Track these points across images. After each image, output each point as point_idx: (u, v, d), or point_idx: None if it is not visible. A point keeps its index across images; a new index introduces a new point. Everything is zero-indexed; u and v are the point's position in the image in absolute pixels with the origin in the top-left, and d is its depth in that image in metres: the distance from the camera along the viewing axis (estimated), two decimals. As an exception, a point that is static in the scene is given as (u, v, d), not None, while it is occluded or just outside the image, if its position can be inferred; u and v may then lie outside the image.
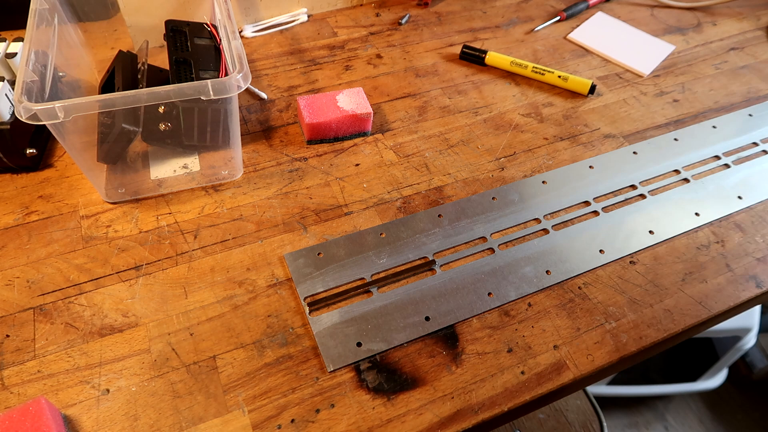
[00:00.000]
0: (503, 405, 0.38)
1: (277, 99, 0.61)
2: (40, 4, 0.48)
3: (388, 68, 0.66)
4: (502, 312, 0.44)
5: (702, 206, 0.52)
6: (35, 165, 0.53)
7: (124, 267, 0.45)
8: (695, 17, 0.77)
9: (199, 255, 0.46)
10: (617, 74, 0.67)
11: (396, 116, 0.60)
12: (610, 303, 0.44)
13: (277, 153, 0.55)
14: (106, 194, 0.50)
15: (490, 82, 0.65)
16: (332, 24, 0.72)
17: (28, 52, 0.43)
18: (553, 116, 0.61)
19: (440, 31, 0.72)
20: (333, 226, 0.49)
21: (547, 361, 0.41)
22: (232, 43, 0.45)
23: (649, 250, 0.48)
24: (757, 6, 0.79)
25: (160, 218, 0.49)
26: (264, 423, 0.37)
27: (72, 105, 0.40)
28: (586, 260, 0.47)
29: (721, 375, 1.29)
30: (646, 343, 0.42)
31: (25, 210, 0.49)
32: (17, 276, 0.44)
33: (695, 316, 0.44)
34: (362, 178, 0.53)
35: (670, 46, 0.71)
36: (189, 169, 0.52)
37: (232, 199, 0.51)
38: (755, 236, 0.50)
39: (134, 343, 0.41)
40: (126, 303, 0.43)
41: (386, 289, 0.44)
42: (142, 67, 0.52)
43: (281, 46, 0.68)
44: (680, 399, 1.39)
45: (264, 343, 0.41)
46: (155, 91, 0.41)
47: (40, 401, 0.35)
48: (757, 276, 0.47)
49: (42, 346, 0.40)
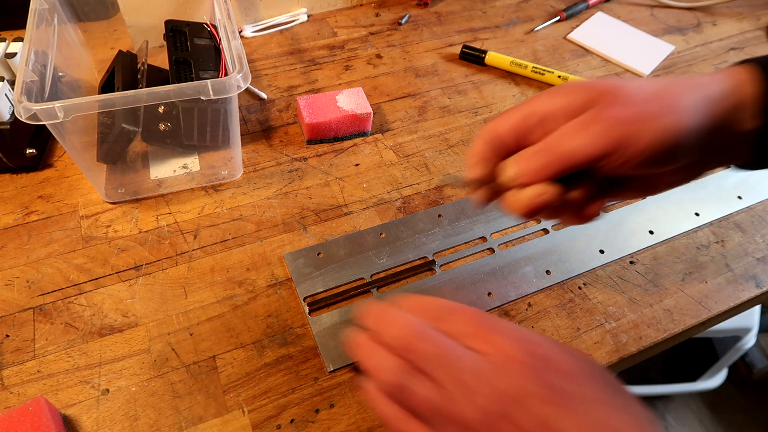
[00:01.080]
0: (503, 405, 0.38)
1: (276, 99, 0.61)
2: (40, 4, 0.48)
3: (388, 68, 0.66)
4: (502, 312, 0.44)
5: (702, 206, 0.52)
6: (35, 165, 0.53)
7: (124, 267, 0.45)
8: (695, 17, 0.77)
9: (199, 255, 0.46)
10: (617, 74, 0.67)
11: (396, 116, 0.60)
12: (609, 303, 0.44)
13: (276, 153, 0.55)
14: (106, 194, 0.50)
15: (490, 82, 0.65)
16: (332, 24, 0.72)
17: (27, 52, 0.43)
18: (553, 116, 0.61)
19: (440, 31, 0.72)
20: (333, 226, 0.49)
21: (546, 361, 0.41)
22: (232, 43, 0.45)
23: (649, 250, 0.48)
24: (756, 6, 0.79)
25: (159, 218, 0.49)
26: (264, 423, 0.37)
27: (72, 105, 0.40)
28: (586, 260, 0.47)
29: (721, 375, 1.29)
30: (646, 343, 0.42)
31: (24, 210, 0.49)
32: (17, 276, 0.44)
33: (695, 316, 0.44)
34: (362, 178, 0.53)
35: (669, 46, 0.71)
36: (189, 169, 0.52)
37: (232, 199, 0.51)
38: (755, 236, 0.50)
39: (134, 343, 0.41)
40: (126, 303, 0.43)
41: (386, 289, 0.44)
42: (142, 67, 0.52)
43: (281, 46, 0.68)
44: (680, 399, 1.39)
45: (264, 343, 0.41)
46: (155, 91, 0.41)
47: (39, 401, 0.35)
48: (757, 276, 0.47)
49: (42, 346, 0.40)
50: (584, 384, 0.27)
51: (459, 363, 0.27)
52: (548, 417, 0.25)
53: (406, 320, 0.29)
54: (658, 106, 0.30)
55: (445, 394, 0.27)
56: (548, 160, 0.31)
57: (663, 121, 0.30)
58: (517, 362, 0.27)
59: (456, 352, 0.28)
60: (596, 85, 0.31)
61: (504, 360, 0.27)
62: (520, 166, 0.32)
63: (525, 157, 0.32)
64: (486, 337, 0.28)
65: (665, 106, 0.30)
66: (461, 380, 0.27)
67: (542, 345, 0.28)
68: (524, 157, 0.32)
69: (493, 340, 0.28)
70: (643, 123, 0.30)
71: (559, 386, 0.26)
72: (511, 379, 0.26)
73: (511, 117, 0.32)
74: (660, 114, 0.30)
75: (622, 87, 0.31)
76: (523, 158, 0.32)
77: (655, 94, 0.31)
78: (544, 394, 0.26)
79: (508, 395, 0.26)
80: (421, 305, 0.30)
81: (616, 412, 0.26)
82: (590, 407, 0.26)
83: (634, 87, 0.31)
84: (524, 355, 0.27)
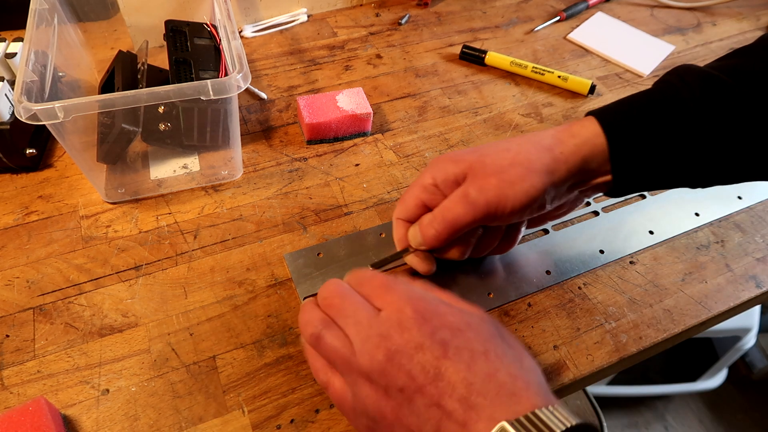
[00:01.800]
0: (503, 405, 0.38)
1: (276, 99, 0.61)
2: (39, 4, 0.48)
3: (387, 68, 0.66)
4: (502, 312, 0.44)
5: (702, 206, 0.52)
6: (35, 165, 0.53)
7: (124, 267, 0.45)
8: (695, 17, 0.77)
9: (199, 255, 0.46)
10: (617, 74, 0.67)
11: (396, 116, 0.60)
12: (609, 303, 0.44)
13: (276, 153, 0.55)
14: (106, 194, 0.50)
15: (490, 82, 0.65)
16: (332, 24, 0.72)
17: (27, 52, 0.43)
18: (553, 116, 0.61)
19: (440, 31, 0.72)
20: (333, 226, 0.49)
21: (546, 361, 0.41)
22: (232, 43, 0.45)
23: (648, 250, 0.48)
24: (756, 6, 0.80)
25: (159, 218, 0.49)
26: (264, 423, 0.37)
27: (72, 105, 0.40)
28: (586, 260, 0.47)
29: (720, 375, 1.29)
30: (646, 343, 0.42)
31: (24, 210, 0.49)
32: (17, 276, 0.44)
33: (695, 316, 0.44)
34: (362, 178, 0.53)
35: (669, 46, 0.71)
36: (189, 169, 0.52)
37: (232, 199, 0.51)
38: (755, 236, 0.50)
39: (134, 343, 0.41)
40: (126, 303, 0.43)
41: (386, 289, 0.44)
42: (142, 67, 0.52)
43: (281, 46, 0.68)
44: (680, 399, 1.39)
45: (264, 344, 0.41)
46: (155, 91, 0.41)
47: (39, 401, 0.35)
48: (756, 276, 0.47)
49: (42, 347, 0.40)
50: (473, 339, 0.30)
51: (359, 315, 0.31)
52: (436, 367, 0.28)
53: (336, 284, 0.34)
54: (516, 174, 0.36)
55: (348, 344, 0.31)
56: (441, 229, 0.38)
57: (522, 186, 0.36)
58: (408, 318, 0.30)
59: (359, 306, 0.32)
60: (466, 157, 0.38)
61: (396, 315, 0.30)
62: (422, 236, 0.40)
63: (423, 226, 0.39)
64: (384, 296, 0.32)
65: (522, 172, 0.36)
66: (360, 332, 0.30)
67: (433, 303, 0.31)
68: (423, 226, 0.39)
69: (389, 298, 0.32)
70: (506, 189, 0.36)
71: (447, 340, 0.29)
72: (402, 332, 0.29)
73: (413, 194, 0.40)
74: (518, 180, 0.36)
75: (485, 157, 0.37)
76: (422, 227, 0.39)
77: (513, 161, 0.37)
78: (432, 347, 0.29)
79: (398, 346, 0.29)
80: (355, 276, 0.35)
81: (503, 365, 0.28)
82: (476, 360, 0.28)
83: (495, 156, 0.37)
84: (415, 311, 0.30)
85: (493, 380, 0.27)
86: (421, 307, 0.31)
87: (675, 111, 0.36)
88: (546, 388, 0.29)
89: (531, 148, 0.37)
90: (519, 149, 0.37)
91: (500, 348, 0.30)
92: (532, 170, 0.36)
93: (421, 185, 0.40)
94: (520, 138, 0.39)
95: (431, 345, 0.29)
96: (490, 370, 0.28)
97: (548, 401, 0.27)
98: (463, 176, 0.38)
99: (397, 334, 0.29)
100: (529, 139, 0.38)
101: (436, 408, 0.27)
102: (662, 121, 0.36)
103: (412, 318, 0.30)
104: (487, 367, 0.28)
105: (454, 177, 0.38)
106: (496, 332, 0.31)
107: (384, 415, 0.29)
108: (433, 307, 0.31)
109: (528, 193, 0.36)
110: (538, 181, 0.36)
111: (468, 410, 0.27)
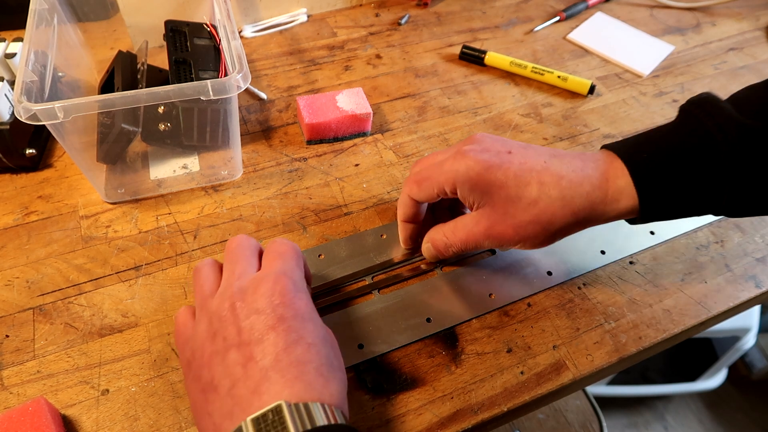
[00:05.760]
0: (503, 405, 0.38)
1: (276, 99, 0.61)
2: (39, 4, 0.48)
3: (387, 68, 0.66)
4: (502, 312, 0.44)
5: (701, 206, 0.52)
6: (35, 165, 0.53)
7: (124, 267, 0.45)
8: (694, 17, 0.77)
9: (199, 255, 0.46)
10: (617, 74, 0.67)
11: (395, 116, 0.60)
12: (609, 303, 0.44)
13: (276, 153, 0.55)
14: (106, 194, 0.50)
15: (490, 82, 0.65)
16: (332, 24, 0.72)
17: (27, 52, 0.43)
18: (553, 116, 0.61)
19: (440, 31, 0.72)
20: (333, 226, 0.49)
21: (546, 361, 0.41)
22: (232, 44, 0.45)
23: (648, 250, 0.48)
24: (756, 6, 0.80)
25: (159, 218, 0.49)
26: (264, 423, 0.37)
27: (71, 105, 0.40)
28: (587, 261, 0.47)
29: (720, 375, 1.29)
30: (646, 343, 0.42)
31: (24, 210, 0.49)
32: (17, 276, 0.44)
33: (695, 316, 0.44)
34: (362, 178, 0.53)
35: (669, 47, 0.71)
36: (188, 170, 0.52)
37: (232, 199, 0.51)
38: (754, 236, 0.50)
39: (134, 344, 0.41)
40: (125, 303, 0.43)
41: (388, 290, 0.44)
42: (142, 67, 0.52)
43: (281, 47, 0.68)
44: (680, 399, 1.39)
45: (264, 344, 0.41)
46: (155, 91, 0.41)
47: (39, 401, 0.35)
48: (756, 276, 0.47)
49: (41, 347, 0.40)
50: (307, 330, 0.32)
51: (239, 268, 0.35)
52: (262, 333, 0.31)
53: (245, 238, 0.38)
54: (533, 231, 0.38)
55: (214, 287, 0.36)
56: (455, 251, 0.42)
57: (536, 241, 0.38)
58: (268, 287, 0.33)
59: (245, 261, 0.36)
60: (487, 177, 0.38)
61: (261, 280, 0.33)
62: (435, 250, 0.43)
63: (436, 242, 0.42)
64: (272, 262, 0.35)
65: (539, 231, 0.38)
66: (227, 279, 0.35)
67: (299, 293, 0.34)
68: (436, 242, 0.42)
69: (273, 265, 0.35)
70: (521, 240, 0.38)
71: (286, 317, 0.32)
72: (254, 293, 0.33)
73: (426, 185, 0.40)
74: (534, 236, 0.38)
75: (509, 205, 0.38)
76: (435, 243, 0.42)
77: (535, 219, 0.37)
78: (269, 316, 0.31)
79: (244, 303, 0.32)
80: (280, 239, 0.38)
81: (316, 361, 0.31)
82: (298, 345, 0.31)
83: (519, 204, 0.37)
84: (276, 284, 0.33)
85: (300, 367, 0.30)
86: (286, 286, 0.33)
87: (710, 162, 0.35)
88: (342, 397, 0.31)
89: (558, 205, 0.37)
90: (546, 207, 0.37)
91: (323, 351, 0.32)
92: (550, 231, 0.38)
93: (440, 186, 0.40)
94: (550, 175, 0.37)
95: (269, 314, 0.31)
96: (304, 359, 0.30)
97: (337, 405, 0.30)
98: (481, 198, 0.38)
99: (249, 294, 0.33)
100: (560, 186, 0.37)
101: (241, 368, 0.30)
102: (698, 174, 0.35)
103: (270, 289, 0.33)
104: (303, 355, 0.30)
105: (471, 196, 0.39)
106: (329, 344, 0.33)
107: (202, 354, 0.32)
108: (294, 292, 0.33)
109: (541, 245, 0.39)
110: (554, 238, 0.38)
111: (263, 381, 0.29)
